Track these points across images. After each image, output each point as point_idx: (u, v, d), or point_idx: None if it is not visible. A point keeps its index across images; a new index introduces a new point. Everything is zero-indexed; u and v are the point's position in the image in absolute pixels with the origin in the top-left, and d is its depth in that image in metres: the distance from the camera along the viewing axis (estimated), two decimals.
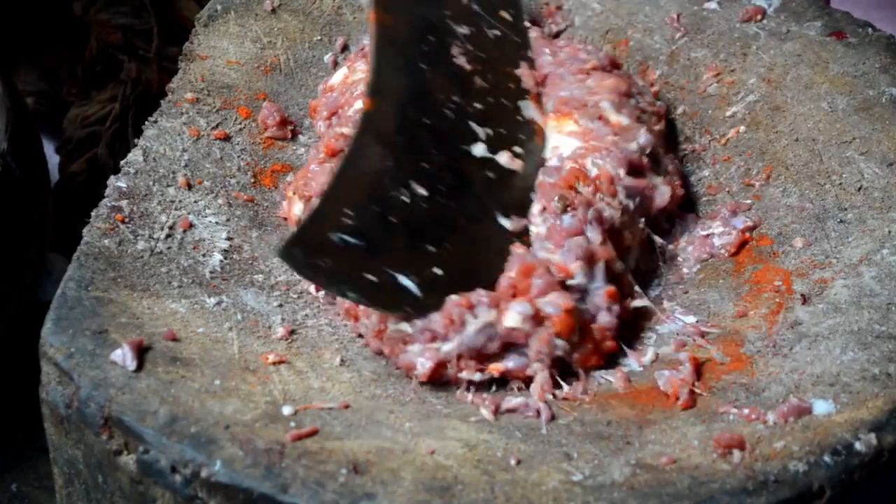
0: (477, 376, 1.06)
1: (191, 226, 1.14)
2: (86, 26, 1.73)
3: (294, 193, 1.18)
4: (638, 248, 1.18)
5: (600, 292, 1.10)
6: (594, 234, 1.11)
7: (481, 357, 1.06)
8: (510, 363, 1.06)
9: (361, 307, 1.09)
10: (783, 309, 1.11)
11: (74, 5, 1.73)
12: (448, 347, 1.05)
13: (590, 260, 1.10)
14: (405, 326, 1.06)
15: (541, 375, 1.06)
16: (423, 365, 1.05)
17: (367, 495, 0.90)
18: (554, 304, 1.06)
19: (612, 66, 1.29)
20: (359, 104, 1.23)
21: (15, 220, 1.31)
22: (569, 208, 1.12)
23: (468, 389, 1.06)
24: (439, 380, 1.06)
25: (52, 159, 1.64)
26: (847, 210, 1.17)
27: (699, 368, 1.07)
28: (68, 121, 1.72)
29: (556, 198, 1.12)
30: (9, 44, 1.73)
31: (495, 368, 1.06)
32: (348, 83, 1.26)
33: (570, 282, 1.09)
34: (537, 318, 1.06)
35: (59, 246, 1.47)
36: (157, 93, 1.54)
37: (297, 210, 1.17)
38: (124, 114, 1.70)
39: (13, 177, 1.30)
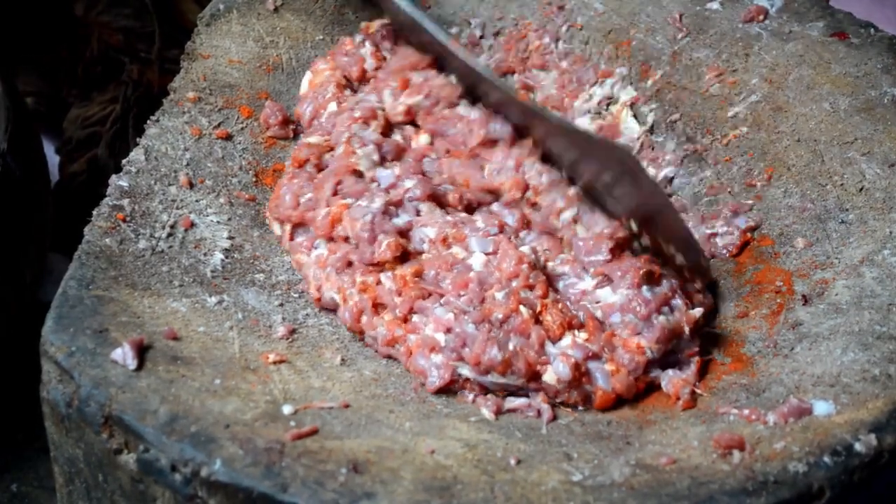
0: (479, 397, 1.06)
1: (192, 225, 1.14)
2: (86, 27, 1.73)
3: (269, 214, 1.18)
4: None
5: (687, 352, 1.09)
6: (678, 313, 1.10)
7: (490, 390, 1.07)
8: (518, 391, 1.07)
9: (364, 320, 1.09)
10: (784, 309, 1.11)
11: (76, 6, 1.73)
12: (465, 371, 1.05)
13: (671, 337, 1.09)
14: (440, 336, 1.06)
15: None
16: (437, 378, 1.05)
17: (367, 495, 0.90)
18: (606, 376, 1.06)
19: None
20: (332, 106, 1.23)
21: (15, 220, 1.31)
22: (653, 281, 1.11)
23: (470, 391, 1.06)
24: (442, 391, 1.06)
25: (52, 159, 1.64)
26: (848, 211, 1.17)
27: (701, 369, 1.08)
28: (68, 121, 1.72)
29: (642, 272, 1.10)
30: (9, 44, 1.73)
31: (500, 392, 1.06)
32: (316, 86, 1.26)
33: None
34: (575, 380, 1.05)
35: (60, 246, 1.47)
36: (157, 94, 1.54)
37: (277, 231, 1.17)
38: (125, 115, 1.70)
39: (13, 177, 1.30)
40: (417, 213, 1.14)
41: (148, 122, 1.22)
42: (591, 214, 1.13)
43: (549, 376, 1.04)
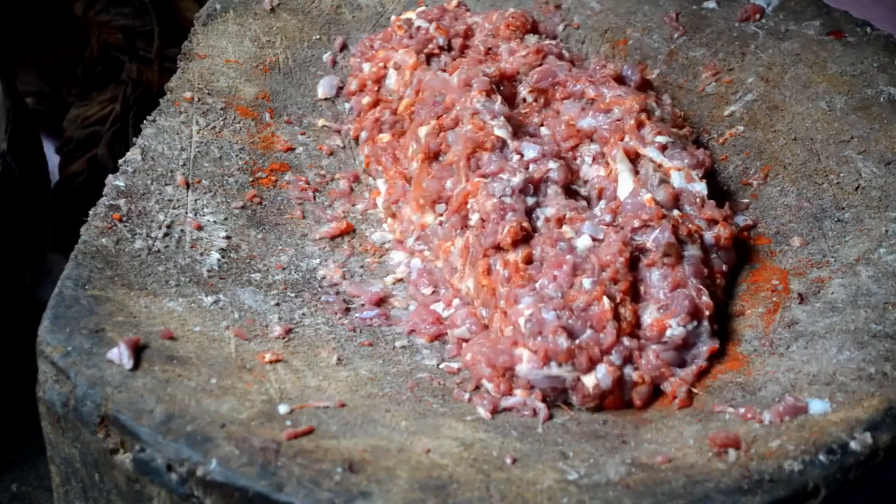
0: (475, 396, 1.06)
1: (189, 225, 1.14)
2: (86, 26, 1.74)
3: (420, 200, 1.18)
4: None
5: (703, 350, 1.08)
6: (699, 290, 1.09)
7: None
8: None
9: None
10: (780, 308, 1.11)
11: (75, 6, 1.73)
12: (522, 369, 1.05)
13: (695, 314, 1.08)
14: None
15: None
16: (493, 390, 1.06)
17: (363, 494, 0.90)
18: (628, 386, 1.05)
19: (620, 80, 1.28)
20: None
21: (15, 220, 1.31)
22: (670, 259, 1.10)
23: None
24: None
25: (52, 159, 1.64)
26: (844, 209, 1.17)
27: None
28: (68, 121, 1.72)
29: (662, 251, 1.10)
30: (9, 44, 1.73)
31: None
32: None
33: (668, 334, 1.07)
34: (609, 393, 1.05)
35: (59, 246, 1.47)
36: (157, 94, 1.55)
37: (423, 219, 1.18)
38: (125, 114, 1.70)
39: (13, 177, 1.30)
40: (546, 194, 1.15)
41: (144, 122, 1.22)
42: None
43: (590, 380, 1.04)
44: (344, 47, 1.35)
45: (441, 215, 1.17)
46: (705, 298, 1.08)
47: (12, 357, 1.36)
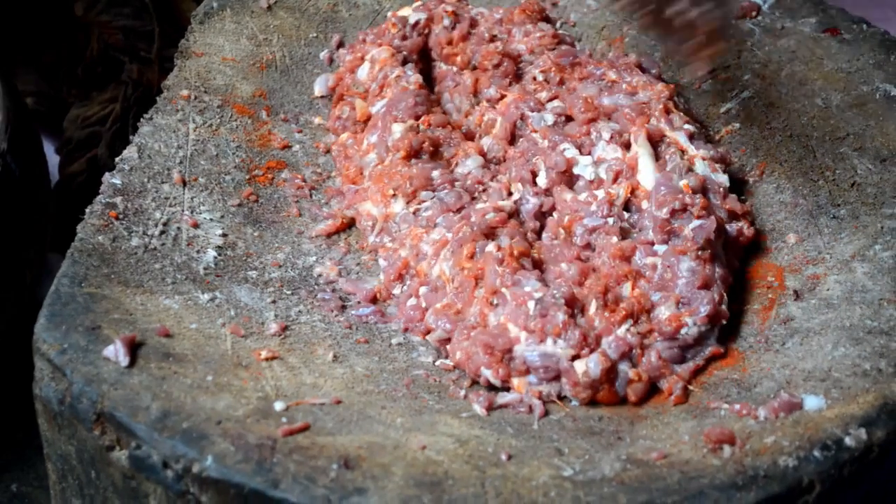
0: (471, 393, 1.06)
1: (185, 222, 1.14)
2: (86, 27, 1.74)
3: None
4: None
5: (706, 351, 1.08)
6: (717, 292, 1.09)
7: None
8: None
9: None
10: (775, 305, 1.11)
11: (76, 6, 1.74)
12: (519, 349, 1.05)
13: (714, 319, 1.08)
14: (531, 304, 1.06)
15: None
16: (491, 376, 1.06)
17: (358, 490, 0.90)
18: (623, 382, 1.05)
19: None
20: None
21: (15, 220, 1.32)
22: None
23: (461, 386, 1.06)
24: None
25: (52, 159, 1.64)
26: (840, 206, 1.17)
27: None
28: (68, 121, 1.72)
29: (700, 244, 1.10)
30: (8, 44, 1.73)
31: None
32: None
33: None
34: (600, 383, 1.05)
35: (60, 246, 1.47)
36: (157, 94, 1.55)
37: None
38: (125, 115, 1.70)
39: (13, 177, 1.30)
40: None
41: (141, 120, 1.22)
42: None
43: (580, 366, 1.04)
44: (340, 45, 1.35)
45: (422, 202, 1.17)
46: (724, 307, 1.09)
47: (13, 357, 1.36)
